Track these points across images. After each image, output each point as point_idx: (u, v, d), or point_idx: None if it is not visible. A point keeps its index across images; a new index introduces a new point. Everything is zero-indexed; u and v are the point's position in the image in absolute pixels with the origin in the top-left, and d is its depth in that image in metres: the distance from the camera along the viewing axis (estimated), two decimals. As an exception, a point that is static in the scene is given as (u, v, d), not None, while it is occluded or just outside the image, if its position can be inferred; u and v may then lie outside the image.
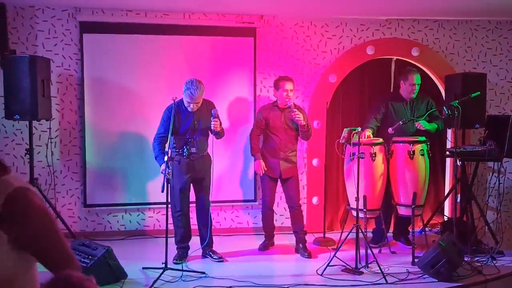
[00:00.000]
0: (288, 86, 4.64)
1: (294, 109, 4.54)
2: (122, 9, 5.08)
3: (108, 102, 5.13)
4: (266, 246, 4.88)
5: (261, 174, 4.73)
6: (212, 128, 4.31)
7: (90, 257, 3.75)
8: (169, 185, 4.02)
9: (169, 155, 3.95)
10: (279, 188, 4.92)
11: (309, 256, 4.61)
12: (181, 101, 4.38)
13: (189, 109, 4.34)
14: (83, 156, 5.11)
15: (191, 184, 4.50)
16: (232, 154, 5.37)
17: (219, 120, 4.43)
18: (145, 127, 5.13)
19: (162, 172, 4.15)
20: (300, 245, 4.73)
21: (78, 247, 3.88)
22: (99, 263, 3.72)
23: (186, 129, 4.36)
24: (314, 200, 5.48)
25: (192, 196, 4.57)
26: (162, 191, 3.90)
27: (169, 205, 4.21)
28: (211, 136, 4.49)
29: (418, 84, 4.75)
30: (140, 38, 5.14)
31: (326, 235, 5.17)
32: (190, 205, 4.56)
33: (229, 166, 5.38)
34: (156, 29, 5.16)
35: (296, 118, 4.51)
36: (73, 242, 4.00)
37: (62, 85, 5.10)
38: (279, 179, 4.79)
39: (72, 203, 5.17)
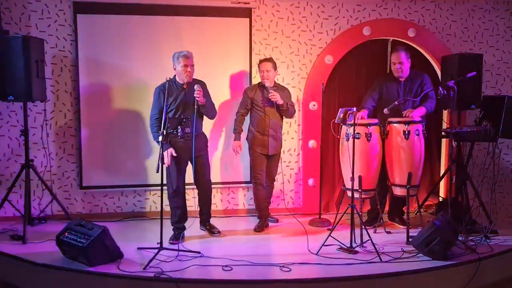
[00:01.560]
0: (264, 66, 4.80)
1: (270, 90, 4.75)
2: (117, -11, 5.04)
3: (103, 84, 5.10)
4: (261, 227, 4.91)
5: (236, 154, 4.95)
6: (196, 99, 4.27)
7: (86, 236, 3.75)
8: (164, 165, 4.02)
9: (164, 135, 3.94)
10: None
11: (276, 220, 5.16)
12: (173, 79, 4.40)
13: (185, 77, 4.35)
14: (79, 138, 5.10)
15: (188, 164, 4.51)
16: (227, 137, 5.36)
17: (205, 92, 4.42)
18: (141, 108, 5.12)
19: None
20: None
21: (74, 227, 3.89)
22: (95, 242, 3.73)
23: (179, 107, 4.36)
24: (310, 181, 5.49)
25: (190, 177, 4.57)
26: (157, 172, 3.90)
27: (165, 186, 4.22)
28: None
29: (400, 63, 4.72)
30: (135, 19, 5.10)
31: (322, 216, 5.20)
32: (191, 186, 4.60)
33: (224, 147, 5.37)
34: (151, 10, 5.11)
35: (272, 99, 4.71)
36: (69, 223, 4.01)
37: (57, 67, 5.07)
38: (266, 156, 4.92)
39: (68, 185, 5.17)
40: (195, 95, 4.27)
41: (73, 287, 3.72)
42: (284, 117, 4.96)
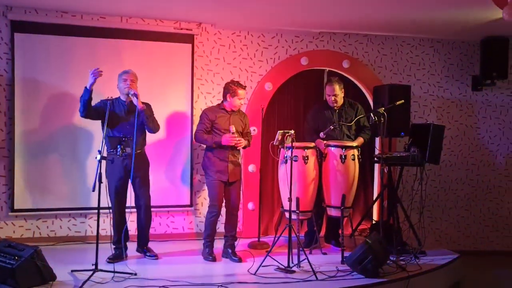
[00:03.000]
0: (243, 94, 4.66)
1: (235, 136, 4.56)
2: (57, 10, 5.01)
3: (40, 104, 4.99)
4: (211, 254, 4.63)
5: (232, 136, 4.55)
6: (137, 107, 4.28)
7: (16, 257, 3.60)
8: (101, 184, 3.97)
9: (101, 154, 3.90)
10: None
11: (240, 260, 4.57)
12: (117, 98, 4.43)
13: (125, 89, 4.37)
14: (12, 158, 4.93)
15: (128, 184, 4.49)
16: (169, 158, 5.37)
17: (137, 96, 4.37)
18: (78, 130, 5.04)
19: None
20: (229, 249, 4.69)
21: (3, 248, 3.72)
22: (26, 263, 3.57)
23: (121, 124, 4.36)
24: (250, 205, 5.57)
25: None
26: (93, 190, 3.84)
27: (101, 206, 4.15)
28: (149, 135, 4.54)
29: (334, 95, 4.94)
30: (76, 40, 5.07)
31: (261, 239, 5.27)
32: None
33: (166, 172, 5.37)
34: (93, 32, 5.11)
35: (238, 146, 4.59)
36: (-2, 244, 3.84)
37: (-9, 85, 4.93)
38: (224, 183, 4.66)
39: (-2, 208, 4.96)
40: (130, 91, 4.31)
41: (0, 312, 3.54)
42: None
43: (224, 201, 4.74)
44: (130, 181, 4.49)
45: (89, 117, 4.39)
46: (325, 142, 4.76)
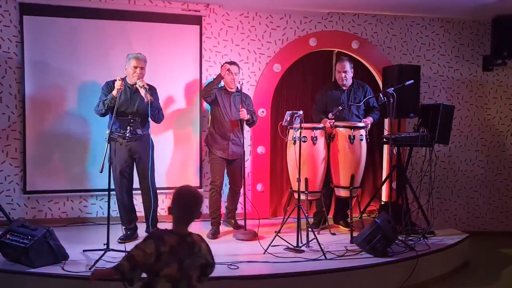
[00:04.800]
0: (233, 69, 4.77)
1: (242, 110, 4.72)
2: (65, -8, 5.02)
3: (50, 86, 5.02)
4: (215, 235, 4.78)
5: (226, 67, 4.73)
6: (139, 85, 4.30)
7: (29, 237, 3.66)
8: (110, 168, 4.00)
9: (109, 136, 3.95)
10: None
11: (239, 228, 4.97)
12: (124, 79, 4.44)
13: (133, 78, 4.36)
14: (23, 141, 4.98)
15: (134, 166, 4.52)
16: (176, 142, 5.40)
17: (153, 96, 4.42)
18: (88, 112, 5.06)
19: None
20: (232, 220, 5.14)
21: (17, 228, 3.78)
22: (39, 243, 3.64)
23: (122, 106, 4.35)
24: (259, 186, 5.59)
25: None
26: (101, 171, 3.87)
27: (112, 186, 4.20)
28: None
29: (345, 72, 4.96)
30: (84, 22, 5.07)
31: (271, 220, 5.31)
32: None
33: (173, 152, 5.39)
34: (100, 14, 5.11)
35: (241, 116, 4.73)
36: (12, 224, 3.90)
37: (1, 68, 4.95)
38: (226, 161, 4.82)
39: (11, 190, 5.01)
40: (139, 84, 4.30)
41: (15, 290, 3.62)
42: (246, 125, 4.90)
43: (227, 179, 4.97)
44: (134, 164, 4.52)
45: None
46: (333, 122, 4.74)
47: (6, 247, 3.74)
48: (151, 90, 4.47)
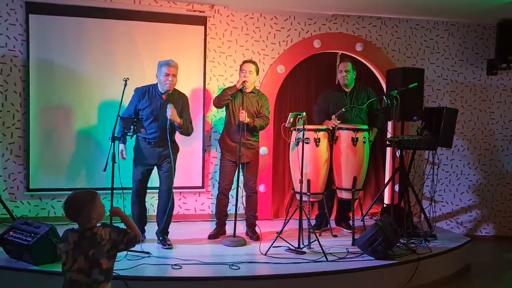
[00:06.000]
0: (247, 67, 4.70)
1: (242, 111, 4.53)
2: (71, -9, 5.04)
3: (55, 85, 5.05)
4: (217, 234, 4.80)
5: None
6: (172, 121, 4.22)
7: (32, 235, 3.68)
8: (114, 164, 4.01)
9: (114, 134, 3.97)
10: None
11: (257, 238, 4.69)
12: (155, 86, 4.39)
13: (165, 86, 4.28)
14: (27, 139, 5.00)
15: (153, 170, 4.51)
16: (182, 142, 5.40)
17: (184, 108, 4.39)
18: (92, 111, 5.09)
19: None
20: (248, 229, 4.87)
21: (20, 226, 3.81)
22: (42, 240, 3.66)
23: (152, 115, 4.30)
24: (261, 188, 5.60)
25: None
26: (104, 170, 3.88)
27: (114, 186, 4.19)
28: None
29: (346, 71, 4.96)
30: (89, 22, 5.10)
31: (272, 221, 5.32)
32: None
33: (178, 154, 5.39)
34: (106, 13, 5.13)
35: (240, 118, 4.52)
36: (15, 222, 3.92)
37: (6, 66, 4.97)
38: (238, 164, 4.61)
39: (15, 187, 5.04)
40: (168, 116, 4.19)
41: (17, 287, 3.63)
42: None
43: (234, 182, 4.80)
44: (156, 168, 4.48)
45: None
46: (338, 122, 4.73)
47: (9, 244, 3.76)
48: (183, 99, 4.42)
